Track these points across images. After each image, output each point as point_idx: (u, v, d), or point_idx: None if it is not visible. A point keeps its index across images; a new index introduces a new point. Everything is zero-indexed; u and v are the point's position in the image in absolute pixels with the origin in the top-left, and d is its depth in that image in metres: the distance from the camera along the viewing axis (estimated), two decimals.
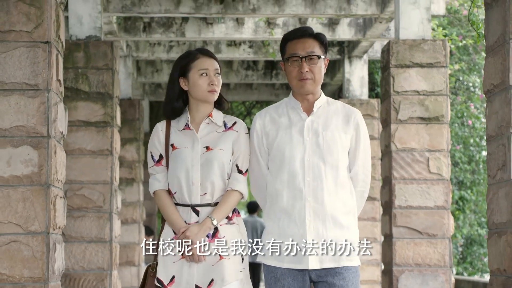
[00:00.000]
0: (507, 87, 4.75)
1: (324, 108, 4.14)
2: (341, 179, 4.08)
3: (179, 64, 4.29)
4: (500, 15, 4.86)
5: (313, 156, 4.04)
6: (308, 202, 4.01)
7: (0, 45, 4.72)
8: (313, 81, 4.06)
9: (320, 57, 4.06)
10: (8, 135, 4.72)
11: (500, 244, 4.84)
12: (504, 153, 4.80)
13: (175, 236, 4.17)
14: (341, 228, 4.03)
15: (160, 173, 4.27)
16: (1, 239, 4.68)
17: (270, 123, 4.15)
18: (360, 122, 4.15)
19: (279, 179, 4.06)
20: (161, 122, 4.34)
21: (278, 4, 9.43)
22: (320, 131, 4.07)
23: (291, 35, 4.13)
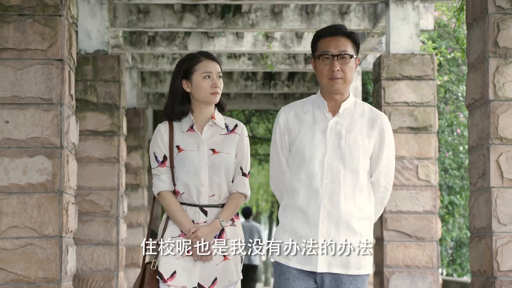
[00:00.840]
0: (487, 101, 4.96)
1: (350, 109, 3.90)
2: (360, 184, 3.84)
3: (182, 66, 4.21)
4: (480, 35, 5.06)
5: (333, 158, 3.81)
6: (324, 204, 3.79)
7: (17, 63, 4.91)
8: (344, 81, 3.83)
9: (352, 56, 3.83)
10: (24, 145, 4.91)
11: (480, 247, 5.03)
12: (484, 162, 5.00)
13: (182, 234, 4.11)
14: (354, 234, 3.79)
15: (165, 174, 4.18)
16: (18, 242, 4.87)
17: (294, 119, 3.93)
18: (386, 127, 3.89)
19: (297, 177, 3.86)
20: (164, 124, 4.24)
21: (276, 20, 9.63)
22: (343, 133, 3.84)
23: (324, 32, 3.88)
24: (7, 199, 4.87)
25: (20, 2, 4.91)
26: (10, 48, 4.90)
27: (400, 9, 8.40)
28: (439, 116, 13.42)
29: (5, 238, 4.85)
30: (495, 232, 4.86)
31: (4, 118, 4.88)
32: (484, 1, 4.98)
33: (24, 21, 4.92)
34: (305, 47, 10.78)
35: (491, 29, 4.94)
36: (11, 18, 4.91)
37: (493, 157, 4.91)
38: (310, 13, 9.58)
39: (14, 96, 4.90)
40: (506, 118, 4.90)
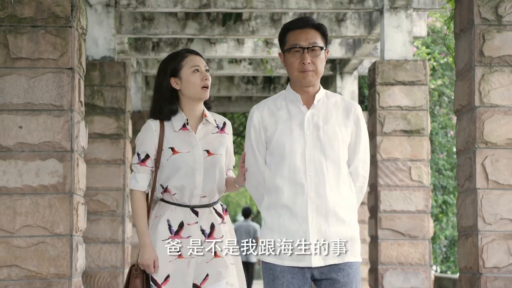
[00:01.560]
0: (473, 108, 5.14)
1: (323, 101, 3.80)
2: (342, 174, 3.74)
3: (168, 65, 4.04)
4: (466, 45, 5.25)
5: (314, 150, 3.71)
6: (310, 197, 3.67)
7: (30, 71, 5.09)
8: (315, 73, 3.72)
9: (322, 48, 3.72)
10: (36, 149, 5.09)
11: (467, 245, 5.21)
12: (470, 165, 5.18)
13: (171, 236, 3.97)
14: (343, 224, 3.69)
15: (140, 173, 4.03)
16: (31, 240, 5.06)
17: (269, 116, 3.79)
18: (360, 116, 3.83)
19: (278, 174, 3.72)
20: (154, 122, 4.04)
21: (275, 27, 9.81)
22: (320, 124, 3.74)
23: (292, 24, 3.77)
24: (20, 199, 5.05)
25: (33, 14, 5.08)
26: (24, 57, 5.08)
27: (394, 17, 8.58)
28: (433, 118, 13.60)
29: (19, 237, 5.03)
30: (480, 231, 5.04)
31: (18, 123, 5.06)
32: (470, 13, 5.16)
33: (36, 32, 5.09)
34: None
35: (477, 40, 5.11)
36: (24, 29, 5.08)
37: (478, 160, 5.09)
38: None
39: (27, 103, 5.07)
40: (491, 124, 5.08)
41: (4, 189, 5.04)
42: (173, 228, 3.99)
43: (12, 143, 5.05)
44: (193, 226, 4.00)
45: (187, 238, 3.96)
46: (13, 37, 5.07)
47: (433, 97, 13.49)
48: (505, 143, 5.07)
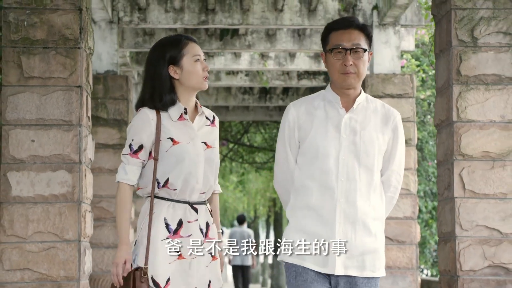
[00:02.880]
0: (451, 123, 5.50)
1: (363, 105, 3.63)
2: (374, 183, 3.57)
3: (167, 51, 3.67)
4: (445, 64, 5.62)
5: (348, 155, 3.54)
6: (340, 203, 3.51)
7: (42, 89, 5.45)
8: (357, 76, 3.54)
9: (365, 50, 3.56)
10: (47, 161, 5.45)
11: (446, 249, 5.58)
12: (448, 175, 5.55)
13: (170, 235, 3.62)
14: (369, 235, 3.53)
15: (131, 165, 3.63)
16: (42, 245, 5.41)
17: (305, 114, 3.62)
18: (399, 125, 3.66)
19: (309, 174, 3.56)
20: (151, 110, 3.66)
21: (270, 41, 10.17)
22: (358, 129, 3.57)
23: (336, 24, 3.59)
24: (33, 208, 5.41)
25: (44, 37, 5.45)
26: (36, 76, 5.44)
27: (383, 33, 8.95)
28: (423, 127, 13.96)
29: (31, 242, 5.39)
30: (458, 236, 5.40)
31: (30, 137, 5.42)
32: (448, 35, 5.53)
33: (48, 53, 5.46)
34: (298, 65, 11.32)
35: (454, 60, 5.48)
36: (37, 50, 5.45)
37: (456, 171, 5.44)
38: (301, 35, 10.12)
39: (39, 118, 5.44)
40: (467, 138, 5.44)
41: (18, 198, 5.39)
42: (171, 226, 3.62)
43: (25, 155, 5.41)
44: (193, 224, 3.67)
45: (188, 237, 3.64)
46: (26, 57, 5.43)
47: (422, 107, 13.86)
48: (480, 156, 5.43)
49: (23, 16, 5.42)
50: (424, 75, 12.82)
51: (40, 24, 5.44)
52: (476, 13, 5.45)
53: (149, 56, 3.72)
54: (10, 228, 5.37)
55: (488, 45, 5.45)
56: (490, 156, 5.42)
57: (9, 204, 5.39)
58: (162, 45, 3.70)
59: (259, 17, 9.02)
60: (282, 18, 9.02)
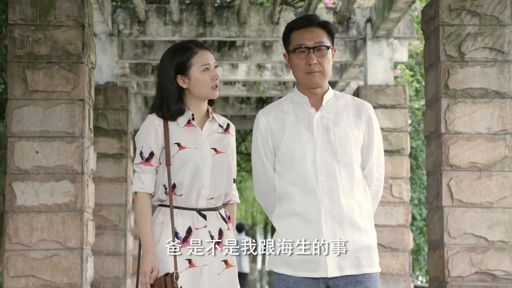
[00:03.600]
0: (440, 134, 5.71)
1: (332, 102, 3.54)
2: (356, 178, 3.48)
3: (175, 61, 3.64)
4: (434, 78, 5.82)
5: (325, 154, 3.45)
6: (323, 204, 3.41)
7: (46, 102, 5.65)
8: (322, 74, 3.46)
9: (329, 47, 3.48)
10: (51, 172, 5.65)
11: (435, 256, 5.77)
12: (437, 185, 5.75)
13: (179, 242, 3.57)
14: (359, 231, 3.43)
15: (146, 174, 3.62)
16: (46, 253, 5.60)
17: (275, 120, 3.53)
18: (373, 116, 3.57)
19: (288, 180, 3.47)
20: (157, 116, 3.65)
21: (267, 52, 10.38)
22: (330, 127, 3.48)
23: (296, 23, 3.52)
24: (37, 217, 5.60)
25: (48, 52, 5.65)
26: (40, 90, 5.64)
27: (376, 46, 9.16)
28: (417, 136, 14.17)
29: (36, 250, 5.58)
30: (446, 244, 5.59)
31: (35, 149, 5.62)
32: (437, 50, 5.74)
33: (52, 68, 5.66)
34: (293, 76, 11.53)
35: (442, 74, 5.68)
36: (41, 65, 5.65)
37: (444, 181, 5.64)
38: None
39: (43, 130, 5.63)
40: (455, 149, 5.64)
41: (23, 207, 5.59)
42: (180, 235, 3.59)
43: (30, 166, 5.61)
44: (201, 231, 3.62)
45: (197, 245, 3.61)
46: (30, 72, 5.63)
47: (417, 116, 14.07)
48: (467, 166, 5.64)
49: (28, 33, 5.62)
50: (418, 85, 13.04)
51: (44, 40, 5.64)
52: (463, 29, 5.66)
53: (160, 64, 3.69)
54: (15, 236, 5.56)
55: (475, 60, 5.66)
56: (477, 166, 5.62)
57: (14, 213, 5.58)
58: (171, 53, 3.65)
59: (255, 29, 9.23)
60: (278, 30, 9.23)
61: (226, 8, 9.26)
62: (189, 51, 3.62)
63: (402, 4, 7.74)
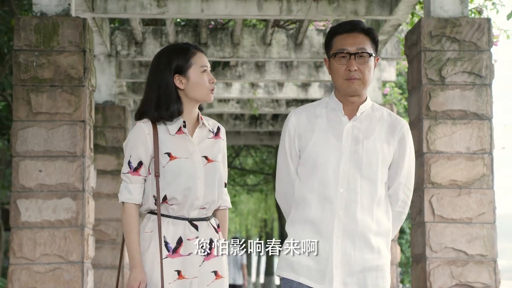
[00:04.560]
0: (422, 154, 6.00)
1: (368, 113, 3.38)
2: (378, 196, 3.31)
3: (174, 60, 3.49)
4: (416, 101, 6.12)
5: (349, 165, 3.30)
6: (338, 215, 3.27)
7: (49, 124, 5.93)
8: (362, 82, 3.31)
9: (371, 55, 3.33)
10: (54, 189, 5.92)
11: (418, 269, 6.05)
12: (420, 202, 6.03)
13: (169, 254, 3.45)
14: (371, 251, 3.27)
15: (133, 184, 3.48)
16: (48, 267, 5.86)
17: (306, 122, 3.40)
18: (407, 135, 3.38)
19: (308, 186, 3.34)
20: (146, 123, 3.49)
21: (260, 72, 10.68)
22: (360, 138, 3.32)
23: (340, 28, 3.38)
24: (40, 232, 5.86)
25: (51, 76, 5.93)
26: (44, 112, 5.92)
27: None
28: None
29: (39, 264, 5.84)
30: (428, 257, 5.88)
31: (38, 167, 5.89)
32: (419, 74, 6.04)
33: (54, 91, 5.94)
34: (286, 93, 11.84)
35: (424, 97, 5.98)
36: (44, 88, 5.94)
37: (426, 198, 5.93)
38: (289, 66, 10.64)
39: (46, 150, 5.90)
40: (436, 167, 5.94)
41: (26, 223, 5.85)
42: (170, 245, 3.47)
43: (33, 184, 5.88)
44: (193, 242, 3.49)
45: (188, 256, 3.48)
46: (34, 95, 5.91)
47: None
48: (448, 184, 5.93)
49: (32, 58, 5.90)
50: (406, 102, 13.34)
51: (47, 64, 5.92)
52: (444, 54, 5.97)
53: (155, 63, 3.51)
54: (19, 251, 5.82)
55: (455, 84, 5.96)
56: (457, 184, 5.91)
57: (19, 229, 5.84)
58: (169, 52, 3.51)
59: (248, 50, 9.53)
60: (270, 51, 9.53)
61: (220, 30, 9.57)
62: (188, 51, 3.51)
63: (388, 27, 8.06)
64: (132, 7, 7.58)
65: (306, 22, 8.78)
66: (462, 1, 6.04)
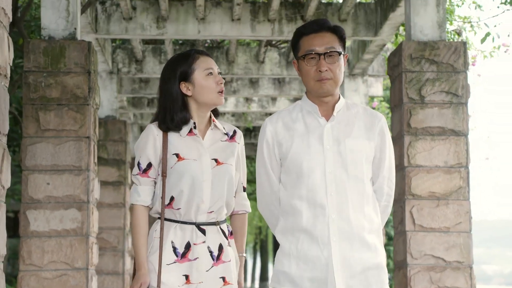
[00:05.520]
0: (403, 167, 6.29)
1: (344, 112, 3.28)
2: (366, 193, 3.22)
3: (177, 68, 3.44)
4: (398, 118, 6.43)
5: (335, 167, 3.19)
6: (332, 220, 3.15)
7: (56, 140, 6.21)
8: (334, 82, 3.20)
9: (340, 53, 3.22)
10: (60, 201, 6.19)
11: (400, 275, 6.34)
12: (401, 212, 6.32)
13: (177, 259, 3.36)
14: (368, 249, 3.18)
15: (143, 185, 3.41)
16: (56, 273, 6.13)
17: (283, 130, 3.26)
18: (385, 128, 3.31)
19: (296, 194, 3.21)
20: (156, 125, 3.45)
21: (253, 87, 10.98)
22: (341, 138, 3.22)
23: (306, 28, 3.25)
24: (48, 241, 6.14)
25: (59, 95, 6.22)
26: (51, 129, 6.19)
27: (352, 83, 9.79)
28: None
29: (46, 270, 6.11)
30: (409, 264, 6.16)
31: (46, 180, 6.17)
32: (400, 93, 6.34)
33: (61, 109, 6.22)
34: (279, 107, 12.13)
35: (405, 114, 6.28)
36: (52, 107, 6.22)
37: (407, 209, 6.22)
38: (281, 82, 10.95)
39: (53, 164, 6.18)
40: (417, 180, 6.23)
41: (35, 232, 6.13)
42: (178, 250, 3.38)
43: (42, 196, 6.15)
44: (200, 246, 3.39)
45: (195, 260, 3.38)
46: (43, 113, 6.19)
47: None
48: (427, 195, 6.22)
49: (40, 78, 6.19)
50: None
51: (55, 85, 6.20)
52: (423, 75, 6.27)
53: (162, 74, 3.50)
54: (28, 258, 6.08)
55: (433, 102, 6.26)
56: (436, 196, 6.20)
57: (28, 237, 6.12)
58: (173, 62, 3.48)
59: (243, 67, 9.84)
60: (263, 68, 9.84)
61: (216, 48, 9.88)
62: (190, 57, 3.43)
63: (374, 47, 8.37)
64: (133, 29, 7.88)
65: None
66: (440, 26, 6.35)
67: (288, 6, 8.00)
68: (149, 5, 7.90)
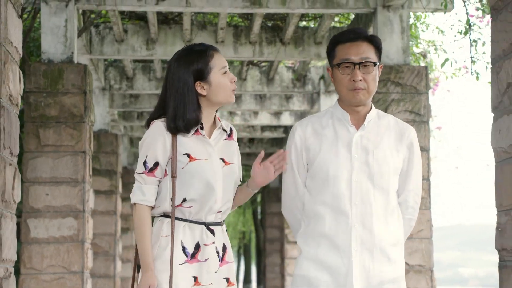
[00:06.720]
0: None
1: (374, 122, 3.17)
2: (391, 205, 3.11)
3: (193, 66, 3.14)
4: None
5: (361, 177, 3.08)
6: (355, 229, 3.06)
7: (55, 154, 6.56)
8: (367, 92, 3.10)
9: (375, 64, 3.11)
10: (58, 210, 6.54)
11: None
12: None
13: (188, 260, 3.14)
14: (388, 262, 3.07)
15: (148, 185, 3.15)
16: (54, 276, 6.47)
17: (313, 135, 3.17)
18: (414, 141, 3.17)
19: (320, 200, 3.12)
20: (164, 122, 3.15)
21: (236, 102, 11.34)
22: (370, 148, 3.10)
23: (343, 37, 3.15)
24: (47, 247, 6.48)
25: (57, 114, 6.57)
26: (50, 144, 6.54)
27: (329, 99, 10.19)
28: None
29: (45, 274, 6.45)
30: None
31: (45, 192, 6.51)
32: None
33: (59, 126, 6.57)
34: (261, 120, 12.52)
35: None
36: (51, 124, 6.57)
37: None
38: (262, 97, 11.34)
39: (52, 177, 6.53)
40: None
41: (35, 239, 6.47)
42: (188, 250, 3.16)
43: (41, 206, 6.50)
44: (210, 247, 3.19)
45: (205, 261, 3.17)
46: (42, 130, 6.55)
47: None
48: None
49: (40, 98, 6.55)
50: None
51: (53, 104, 6.55)
52: (389, 96, 6.66)
53: (173, 71, 3.16)
54: (28, 263, 6.42)
55: None
56: None
57: (28, 244, 6.46)
58: (187, 58, 3.16)
59: None
60: (245, 85, 10.23)
61: None
62: (206, 54, 3.15)
63: None
64: (125, 50, 8.26)
65: (276, 62, 9.50)
66: (404, 51, 6.76)
67: (268, 29, 8.41)
68: (139, 28, 8.28)
